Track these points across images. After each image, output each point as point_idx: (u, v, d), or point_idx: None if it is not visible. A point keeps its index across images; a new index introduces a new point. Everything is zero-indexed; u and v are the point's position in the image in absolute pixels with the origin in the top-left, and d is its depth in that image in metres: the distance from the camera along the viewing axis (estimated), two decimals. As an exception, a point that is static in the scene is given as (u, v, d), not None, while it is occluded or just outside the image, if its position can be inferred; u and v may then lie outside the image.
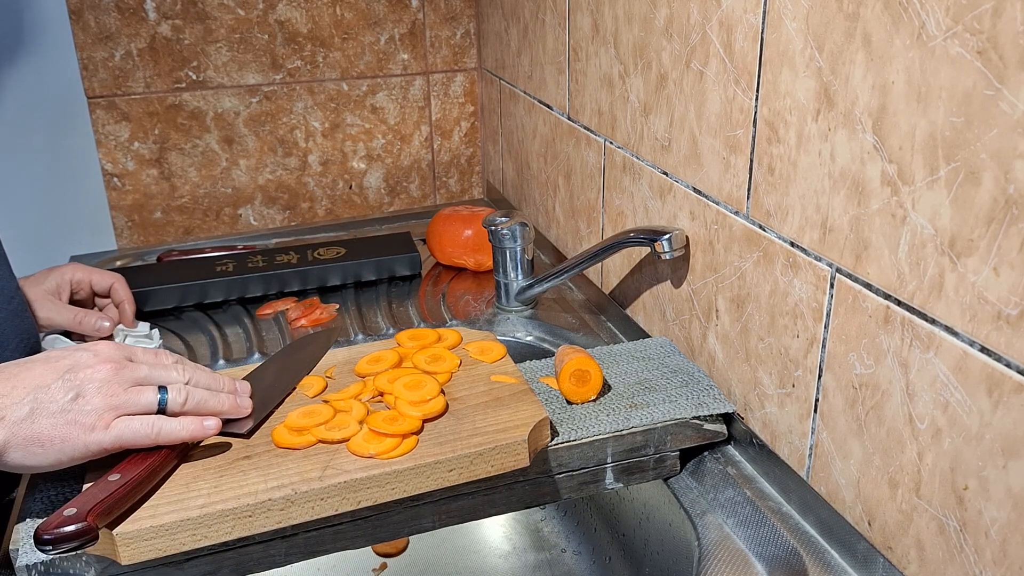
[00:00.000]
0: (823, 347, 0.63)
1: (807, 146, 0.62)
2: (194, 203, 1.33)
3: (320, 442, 0.65)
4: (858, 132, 0.56)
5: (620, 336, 0.97)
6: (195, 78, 1.26)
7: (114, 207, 1.29)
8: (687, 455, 0.76)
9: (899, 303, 0.55)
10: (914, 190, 0.52)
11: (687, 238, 0.80)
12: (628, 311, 0.96)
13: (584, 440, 0.71)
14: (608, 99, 0.94)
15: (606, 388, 0.77)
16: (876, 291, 0.57)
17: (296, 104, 1.33)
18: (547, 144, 1.15)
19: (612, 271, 0.99)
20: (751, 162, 0.69)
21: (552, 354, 0.90)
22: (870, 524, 0.61)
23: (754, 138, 0.68)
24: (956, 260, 0.50)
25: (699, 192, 0.78)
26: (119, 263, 1.23)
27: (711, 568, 0.64)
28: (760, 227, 0.69)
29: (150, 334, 0.97)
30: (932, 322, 0.52)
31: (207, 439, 0.65)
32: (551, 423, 0.71)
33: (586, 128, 1.01)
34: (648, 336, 0.92)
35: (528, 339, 0.99)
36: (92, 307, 0.97)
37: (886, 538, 0.59)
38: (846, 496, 0.63)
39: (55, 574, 0.60)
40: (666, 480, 0.76)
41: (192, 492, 0.60)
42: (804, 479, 0.67)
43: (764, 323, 0.70)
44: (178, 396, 0.62)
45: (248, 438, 0.66)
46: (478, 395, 0.71)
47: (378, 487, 0.62)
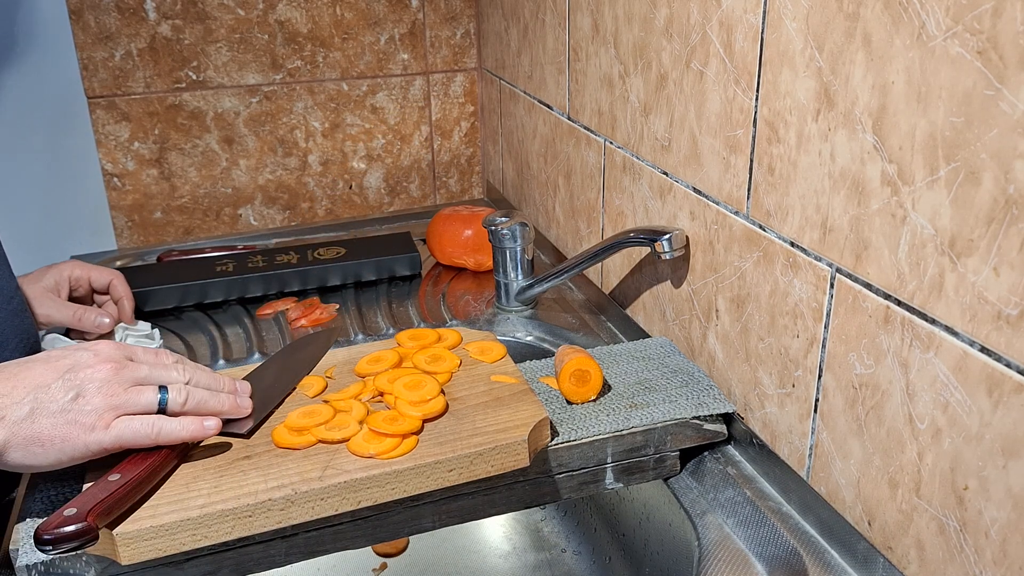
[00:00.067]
0: (823, 347, 0.63)
1: (807, 146, 0.62)
2: (194, 203, 1.33)
3: (320, 442, 0.65)
4: (858, 132, 0.56)
5: (620, 336, 0.97)
6: (195, 78, 1.26)
7: (114, 207, 1.29)
8: (687, 455, 0.76)
9: (899, 303, 0.55)
10: (914, 190, 0.52)
11: (687, 238, 0.80)
12: (628, 311, 0.96)
13: (584, 440, 0.71)
14: (608, 99, 0.94)
15: (606, 388, 0.77)
16: (876, 291, 0.57)
17: (296, 104, 1.33)
18: (547, 144, 1.15)
19: (612, 271, 0.99)
20: (751, 162, 0.69)
21: (552, 354, 0.90)
22: (870, 524, 0.61)
23: (754, 138, 0.68)
24: (956, 260, 0.50)
25: (699, 192, 0.78)
26: (119, 263, 1.23)
27: (711, 568, 0.64)
28: (760, 227, 0.69)
29: (151, 334, 0.97)
30: (932, 322, 0.52)
31: (207, 439, 0.65)
32: (551, 423, 0.71)
33: (586, 128, 1.01)
34: (648, 336, 0.92)
35: (528, 339, 0.99)
36: (91, 304, 0.97)
37: (886, 538, 0.59)
38: (846, 496, 0.63)
39: (55, 574, 0.60)
40: (666, 480, 0.76)
41: (192, 492, 0.60)
42: (804, 479, 0.68)
43: (764, 323, 0.70)
44: (178, 396, 0.62)
45: (248, 438, 0.66)
46: (478, 395, 0.71)
47: (378, 487, 0.62)
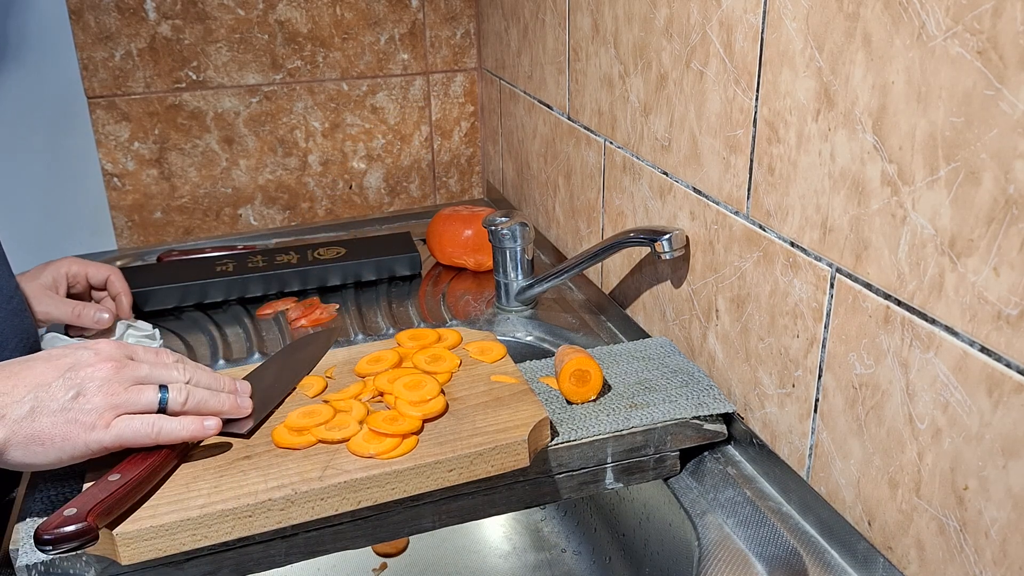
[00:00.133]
0: (823, 347, 0.63)
1: (807, 146, 0.62)
2: (194, 203, 1.33)
3: (320, 442, 0.65)
4: (858, 132, 0.56)
5: (620, 336, 0.97)
6: (195, 78, 1.26)
7: (114, 207, 1.29)
8: (687, 455, 0.76)
9: (899, 303, 0.55)
10: (914, 190, 0.52)
11: (687, 238, 0.80)
12: (628, 311, 0.96)
13: (584, 440, 0.71)
14: (608, 99, 0.94)
15: (606, 388, 0.77)
16: (876, 291, 0.57)
17: (296, 104, 1.33)
18: (547, 144, 1.15)
19: (612, 271, 0.99)
20: (751, 162, 0.69)
21: (552, 354, 0.90)
22: (870, 524, 0.61)
23: (754, 138, 0.68)
24: (956, 260, 0.50)
25: (699, 192, 0.78)
26: (119, 263, 1.23)
27: (711, 568, 0.64)
28: (760, 227, 0.69)
29: (152, 333, 0.97)
30: (932, 322, 0.52)
31: (207, 439, 0.65)
32: (551, 423, 0.71)
33: (586, 128, 1.01)
34: (648, 336, 0.92)
35: (528, 339, 0.99)
36: (89, 301, 0.97)
37: (886, 538, 0.59)
38: (846, 496, 0.63)
39: (55, 574, 0.60)
40: (666, 480, 0.76)
41: (192, 492, 0.60)
42: (804, 479, 0.68)
43: (764, 323, 0.70)
44: (179, 395, 0.62)
45: (248, 438, 0.66)
46: (478, 395, 0.71)
47: (378, 487, 0.62)
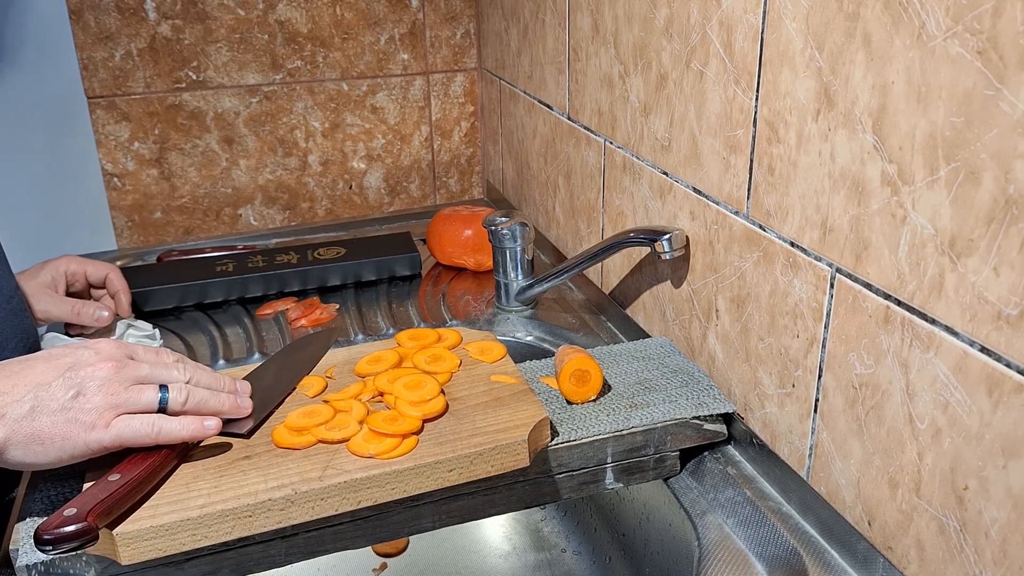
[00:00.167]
0: (823, 347, 0.63)
1: (807, 146, 0.62)
2: (194, 203, 1.33)
3: (320, 442, 0.65)
4: (858, 132, 0.56)
5: (620, 336, 0.97)
6: (195, 78, 1.26)
7: (114, 207, 1.29)
8: (687, 455, 0.76)
9: (899, 303, 0.55)
10: (914, 190, 0.52)
11: (687, 238, 0.80)
12: (628, 311, 0.96)
13: (584, 440, 0.71)
14: (608, 99, 0.94)
15: (606, 388, 0.77)
16: (876, 291, 0.57)
17: (296, 104, 1.33)
18: (547, 144, 1.15)
19: (612, 271, 0.99)
20: (751, 162, 0.69)
21: (552, 354, 0.90)
22: (870, 524, 0.61)
23: (754, 138, 0.68)
24: (956, 260, 0.50)
25: (699, 192, 0.78)
26: (119, 263, 1.23)
27: (711, 568, 0.64)
28: (760, 227, 0.69)
29: (152, 333, 0.97)
30: (932, 322, 0.52)
31: (207, 439, 0.65)
32: (551, 423, 0.71)
33: (586, 128, 1.01)
34: (648, 336, 0.92)
35: (528, 339, 0.99)
36: (88, 299, 0.97)
37: (886, 538, 0.59)
38: (846, 496, 0.63)
39: (55, 574, 0.60)
40: (666, 480, 0.76)
41: (192, 492, 0.60)
42: (804, 479, 0.68)
43: (764, 323, 0.70)
44: (179, 395, 0.62)
45: (248, 438, 0.66)
46: (478, 395, 0.71)
47: (378, 487, 0.62)
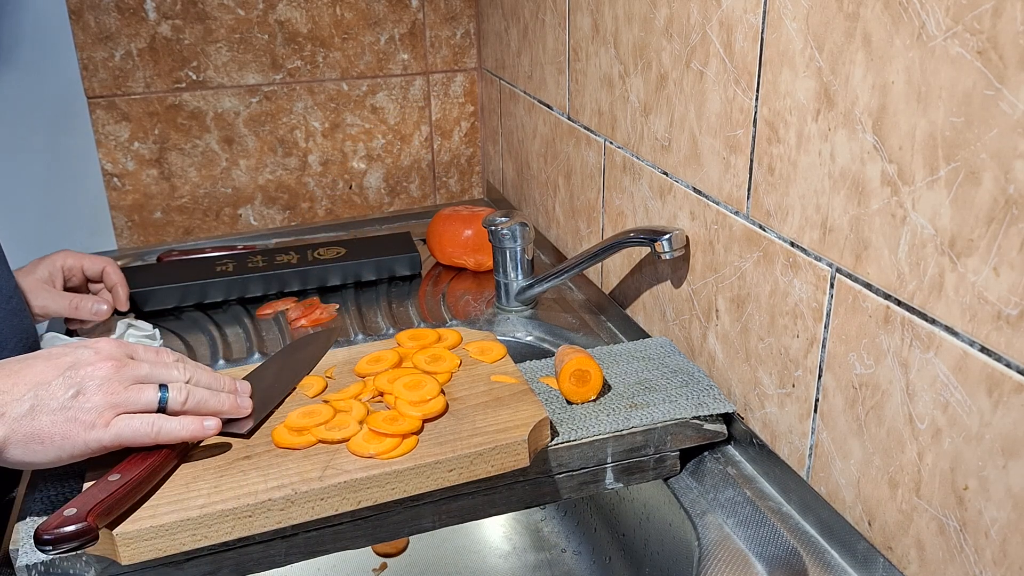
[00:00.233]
0: (823, 347, 0.63)
1: (807, 146, 0.62)
2: (194, 203, 1.33)
3: (320, 442, 0.65)
4: (858, 132, 0.56)
5: (620, 336, 0.97)
6: (195, 78, 1.26)
7: (114, 207, 1.29)
8: (687, 455, 0.76)
9: (899, 303, 0.55)
10: (914, 190, 0.52)
11: (687, 238, 0.80)
12: (628, 311, 0.96)
13: (584, 440, 0.71)
14: (608, 99, 0.94)
15: (606, 388, 0.77)
16: (876, 291, 0.57)
17: (296, 104, 1.33)
18: (547, 144, 1.15)
19: (612, 271, 0.99)
20: (751, 162, 0.69)
21: (552, 354, 0.90)
22: (870, 524, 0.61)
23: (754, 138, 0.68)
24: (956, 260, 0.50)
25: (699, 192, 0.78)
26: (119, 263, 1.23)
27: (711, 568, 0.64)
28: (760, 227, 0.69)
29: (152, 333, 0.97)
30: (932, 322, 0.52)
31: (207, 439, 0.65)
32: (551, 423, 0.71)
33: (586, 128, 1.01)
34: (648, 336, 0.92)
35: (528, 339, 0.99)
36: (86, 293, 0.97)
37: (886, 538, 0.59)
38: (846, 496, 0.63)
39: (55, 574, 0.60)
40: (666, 480, 0.76)
41: (192, 492, 0.60)
42: (804, 479, 0.68)
43: (764, 323, 0.70)
44: (179, 395, 0.62)
45: (248, 438, 0.66)
46: (478, 395, 0.71)
47: (378, 487, 0.62)
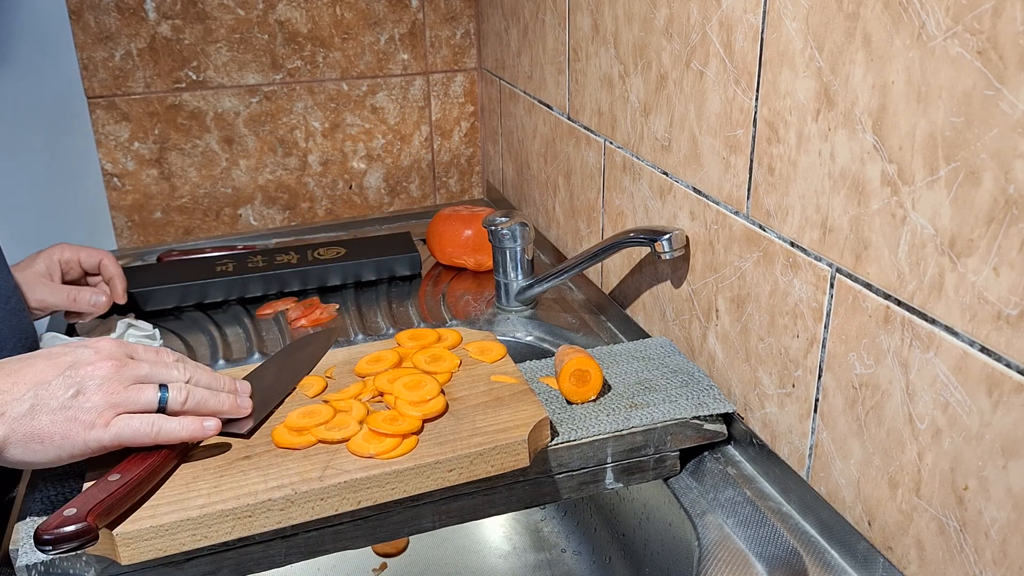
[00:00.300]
0: (823, 347, 0.63)
1: (807, 146, 0.62)
2: (194, 203, 1.33)
3: (320, 442, 0.65)
4: (858, 132, 0.56)
5: (620, 336, 0.97)
6: (195, 78, 1.26)
7: (114, 207, 1.29)
8: (687, 455, 0.76)
9: (899, 303, 0.55)
10: (914, 190, 0.52)
11: (687, 238, 0.80)
12: (628, 311, 0.96)
13: (584, 440, 0.71)
14: (608, 99, 0.94)
15: (606, 388, 0.77)
16: (876, 291, 0.57)
17: (296, 104, 1.33)
18: (547, 144, 1.15)
19: (612, 271, 0.99)
20: (751, 162, 0.69)
21: (552, 354, 0.90)
22: (870, 524, 0.61)
23: (754, 138, 0.68)
24: (956, 260, 0.50)
25: (699, 192, 0.78)
26: (119, 263, 1.23)
27: (711, 568, 0.64)
28: (760, 227, 0.69)
29: (152, 333, 0.97)
30: (932, 322, 0.52)
31: (207, 439, 0.65)
32: (551, 423, 0.71)
33: (586, 128, 1.01)
34: (648, 336, 0.92)
35: (528, 339, 0.99)
36: (85, 286, 0.97)
37: (886, 538, 0.59)
38: (846, 496, 0.63)
39: (55, 574, 0.60)
40: (666, 480, 0.76)
41: (192, 492, 0.60)
42: (804, 479, 0.68)
43: (764, 323, 0.70)
44: (178, 395, 0.62)
45: (248, 438, 0.66)
46: (478, 395, 0.71)
47: (378, 487, 0.62)
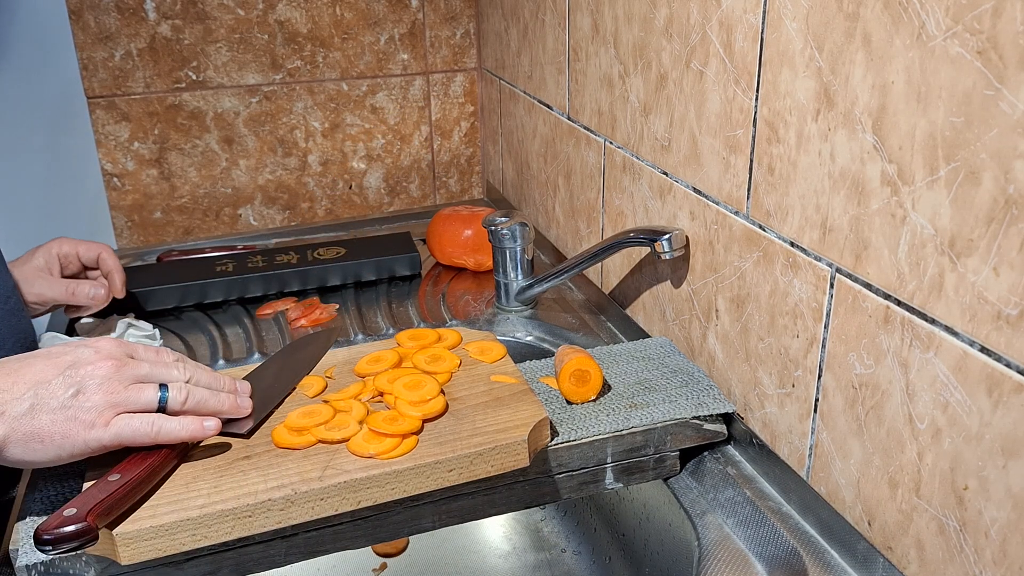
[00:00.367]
0: (823, 347, 0.63)
1: (807, 146, 0.62)
2: (194, 203, 1.33)
3: (320, 442, 0.65)
4: (858, 132, 0.56)
5: (620, 336, 0.97)
6: (195, 78, 1.26)
7: (114, 207, 1.29)
8: (687, 455, 0.76)
9: (899, 303, 0.55)
10: (914, 190, 0.52)
11: (687, 238, 0.80)
12: (628, 311, 0.96)
13: (584, 440, 0.71)
14: (608, 99, 0.94)
15: (606, 388, 0.77)
16: (876, 291, 0.57)
17: (296, 104, 1.33)
18: (547, 144, 1.15)
19: (612, 271, 0.99)
20: (751, 162, 0.69)
21: (552, 354, 0.90)
22: (870, 524, 0.61)
23: (754, 138, 0.68)
24: (956, 260, 0.50)
25: (699, 192, 0.78)
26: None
27: (711, 568, 0.64)
28: (760, 227, 0.69)
29: (152, 333, 0.97)
30: (932, 322, 0.52)
31: (207, 439, 0.65)
32: (551, 423, 0.71)
33: (586, 128, 1.01)
34: (648, 336, 0.92)
35: (528, 339, 0.99)
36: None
37: (886, 538, 0.59)
38: (846, 496, 0.63)
39: (55, 574, 0.60)
40: (666, 480, 0.76)
41: (192, 492, 0.60)
42: (804, 479, 0.68)
43: (764, 323, 0.70)
44: (178, 395, 0.62)
45: (248, 438, 0.66)
46: (478, 395, 0.71)
47: (378, 487, 0.62)
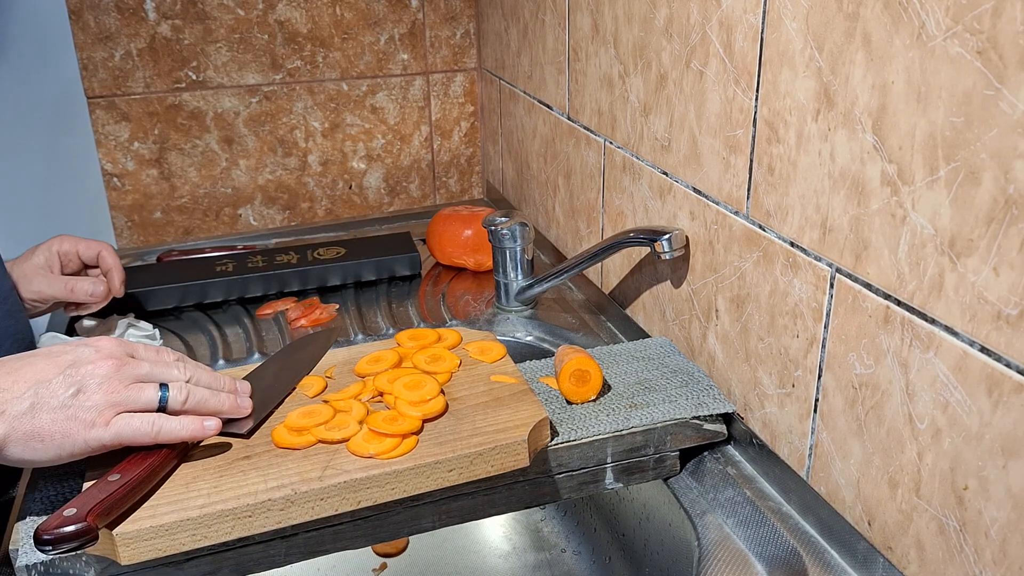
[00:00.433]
0: (823, 347, 0.63)
1: (807, 146, 0.62)
2: (194, 203, 1.33)
3: (320, 442, 0.65)
4: (858, 132, 0.56)
5: (620, 336, 0.97)
6: (195, 78, 1.26)
7: (114, 207, 1.29)
8: (687, 455, 0.76)
9: (899, 303, 0.55)
10: (914, 190, 0.52)
11: (687, 238, 0.80)
12: (628, 311, 0.96)
13: (584, 440, 0.71)
14: (608, 99, 0.94)
15: (606, 388, 0.77)
16: (876, 291, 0.57)
17: (296, 104, 1.33)
18: (547, 144, 1.15)
19: (612, 271, 0.99)
20: (751, 162, 0.69)
21: (552, 354, 0.90)
22: (870, 524, 0.61)
23: (754, 138, 0.68)
24: (956, 260, 0.50)
25: (699, 192, 0.78)
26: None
27: (711, 568, 0.64)
28: (760, 227, 0.69)
29: (152, 333, 0.97)
30: (932, 322, 0.52)
31: (207, 439, 0.65)
32: (551, 423, 0.71)
33: (586, 128, 1.01)
34: (648, 336, 0.92)
35: (528, 339, 0.99)
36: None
37: (886, 538, 0.59)
38: (846, 496, 0.63)
39: (55, 574, 0.60)
40: (666, 480, 0.76)
41: (192, 492, 0.60)
42: (804, 479, 0.68)
43: (764, 323, 0.70)
44: (179, 394, 0.62)
45: (248, 438, 0.66)
46: (478, 395, 0.71)
47: (378, 487, 0.62)
